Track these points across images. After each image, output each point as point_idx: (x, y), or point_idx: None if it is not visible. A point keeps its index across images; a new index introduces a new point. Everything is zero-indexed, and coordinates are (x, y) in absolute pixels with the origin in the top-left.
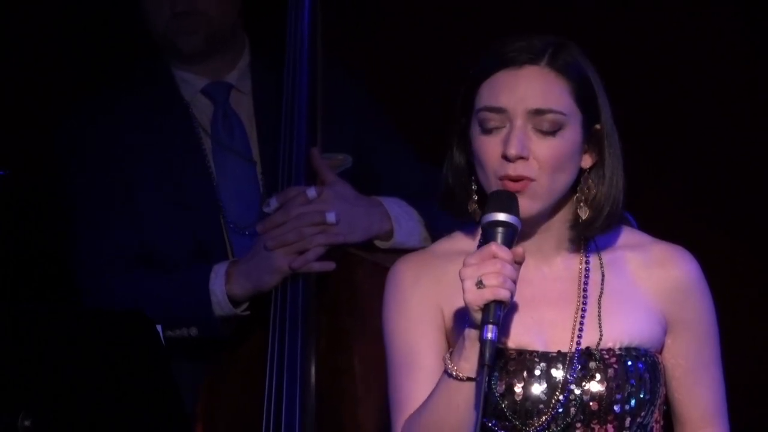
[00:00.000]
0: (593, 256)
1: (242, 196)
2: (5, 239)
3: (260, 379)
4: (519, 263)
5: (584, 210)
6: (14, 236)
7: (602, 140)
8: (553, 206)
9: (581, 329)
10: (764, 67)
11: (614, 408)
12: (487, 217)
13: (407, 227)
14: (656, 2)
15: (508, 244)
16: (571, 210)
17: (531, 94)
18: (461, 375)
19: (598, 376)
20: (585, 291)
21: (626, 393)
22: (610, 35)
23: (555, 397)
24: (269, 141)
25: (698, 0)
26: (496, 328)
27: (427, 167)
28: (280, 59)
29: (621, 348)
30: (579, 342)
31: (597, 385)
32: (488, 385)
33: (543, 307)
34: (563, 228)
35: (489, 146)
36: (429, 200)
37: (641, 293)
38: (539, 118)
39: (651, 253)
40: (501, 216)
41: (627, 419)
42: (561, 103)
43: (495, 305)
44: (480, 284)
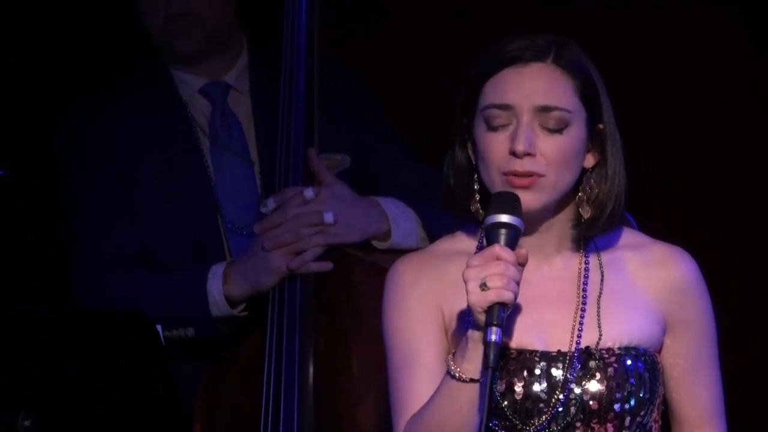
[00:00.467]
0: (593, 257)
1: (240, 196)
2: (5, 239)
3: (258, 380)
4: (522, 265)
5: (586, 209)
6: (14, 236)
7: (605, 139)
8: (556, 204)
9: (581, 329)
10: (764, 67)
11: (614, 407)
12: (491, 219)
13: (405, 227)
14: (656, 2)
15: (512, 246)
16: (573, 210)
17: (537, 91)
18: (464, 377)
19: (598, 376)
20: (584, 291)
21: (626, 392)
22: (610, 35)
23: (555, 397)
24: (268, 141)
25: (698, 0)
26: (500, 330)
27: (426, 167)
28: (279, 59)
29: (620, 347)
30: (579, 341)
31: (597, 385)
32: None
33: (543, 307)
34: (565, 227)
35: (495, 143)
36: (427, 200)
37: (640, 293)
38: (545, 116)
39: (650, 254)
40: (504, 218)
41: (627, 418)
42: (566, 101)
43: (499, 307)
44: (484, 286)
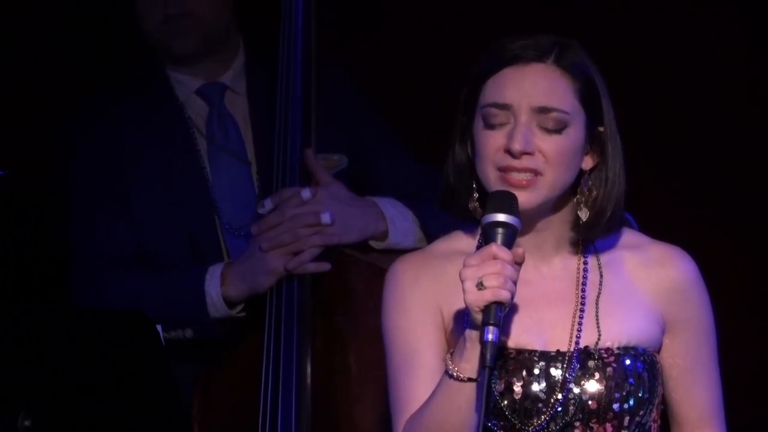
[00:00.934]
0: (591, 257)
1: (237, 197)
2: (5, 239)
3: (256, 380)
4: (519, 264)
5: (584, 212)
6: (14, 236)
7: (605, 142)
8: (552, 204)
9: (580, 329)
10: (764, 67)
11: (613, 407)
12: (487, 218)
13: (402, 228)
14: (656, 2)
15: (509, 245)
16: (571, 211)
17: (536, 91)
18: (462, 376)
19: (597, 375)
20: (583, 291)
21: (625, 392)
22: (610, 35)
23: (554, 396)
24: (265, 142)
25: (698, 0)
26: (497, 330)
27: (426, 167)
28: (276, 59)
29: (619, 347)
30: (578, 341)
31: (596, 384)
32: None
33: (542, 307)
34: (563, 228)
35: (491, 139)
36: (425, 201)
37: (639, 293)
38: (544, 116)
39: (649, 254)
40: (501, 217)
41: (626, 418)
42: (565, 102)
43: (495, 306)
44: (480, 285)
